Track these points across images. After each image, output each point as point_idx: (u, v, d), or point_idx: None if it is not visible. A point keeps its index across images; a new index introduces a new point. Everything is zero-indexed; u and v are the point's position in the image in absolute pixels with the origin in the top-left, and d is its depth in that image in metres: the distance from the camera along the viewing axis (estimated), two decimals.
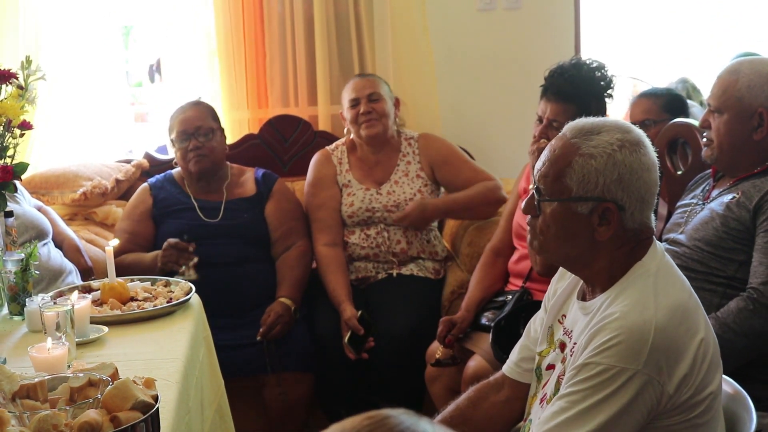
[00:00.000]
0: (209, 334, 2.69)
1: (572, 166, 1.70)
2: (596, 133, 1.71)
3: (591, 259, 1.74)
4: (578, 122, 1.76)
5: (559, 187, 1.72)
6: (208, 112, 3.53)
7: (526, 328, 2.03)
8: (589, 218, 1.71)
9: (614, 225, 1.70)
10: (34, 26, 3.87)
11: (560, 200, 1.72)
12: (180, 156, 3.48)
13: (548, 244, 1.77)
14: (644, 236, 1.74)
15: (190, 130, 3.44)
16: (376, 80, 3.61)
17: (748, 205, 2.47)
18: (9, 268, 2.51)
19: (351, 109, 3.54)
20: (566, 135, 1.74)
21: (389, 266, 3.53)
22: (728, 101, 2.55)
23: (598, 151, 1.69)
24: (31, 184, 3.69)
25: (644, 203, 1.72)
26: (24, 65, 2.62)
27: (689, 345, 1.64)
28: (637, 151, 1.70)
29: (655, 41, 6.14)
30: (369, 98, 3.52)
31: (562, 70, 3.01)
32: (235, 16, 3.96)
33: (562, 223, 1.73)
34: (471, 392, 2.04)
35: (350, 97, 3.54)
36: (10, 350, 2.28)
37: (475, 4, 4.05)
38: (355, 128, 3.55)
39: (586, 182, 1.69)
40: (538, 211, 1.77)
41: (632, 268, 1.72)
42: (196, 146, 3.43)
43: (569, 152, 1.71)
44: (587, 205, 1.70)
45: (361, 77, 3.64)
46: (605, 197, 1.69)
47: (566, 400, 1.64)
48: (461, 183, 3.57)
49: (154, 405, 1.67)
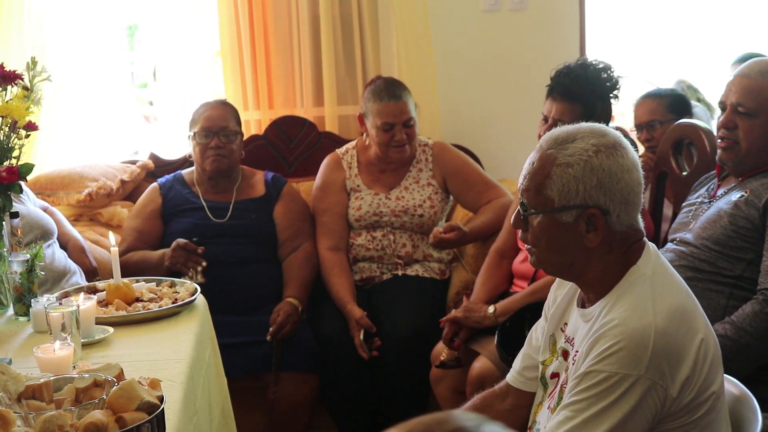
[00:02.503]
0: (214, 335, 2.70)
1: (551, 177, 1.70)
2: (571, 141, 1.71)
3: (585, 266, 1.75)
4: (553, 132, 1.76)
5: (541, 199, 1.73)
6: (233, 114, 3.55)
7: (528, 337, 2.03)
8: (575, 226, 1.71)
9: (602, 230, 1.70)
10: (39, 27, 3.88)
11: (545, 212, 1.73)
12: (198, 151, 3.48)
13: (542, 255, 1.78)
14: (635, 239, 1.75)
15: (214, 128, 3.45)
16: (407, 100, 3.45)
17: (757, 203, 2.46)
18: (14, 268, 2.51)
19: (383, 132, 3.43)
20: (543, 146, 1.75)
21: (394, 267, 3.53)
22: (763, 104, 2.50)
23: (575, 159, 1.69)
24: (36, 185, 3.69)
25: (629, 204, 1.72)
26: (29, 66, 2.62)
27: (690, 347, 1.64)
28: (614, 154, 1.70)
29: (660, 41, 6.13)
30: (404, 124, 3.44)
31: (569, 70, 3.01)
32: (240, 16, 3.96)
33: (550, 234, 1.74)
34: (476, 400, 2.04)
35: (384, 120, 3.41)
36: (15, 351, 2.29)
37: (480, 5, 4.05)
38: (383, 149, 3.47)
39: (567, 191, 1.69)
40: (527, 225, 1.77)
41: (628, 272, 1.72)
42: (217, 145, 3.44)
43: (547, 164, 1.71)
44: (571, 213, 1.70)
45: (395, 98, 3.42)
46: (588, 203, 1.69)
47: (571, 409, 1.64)
48: (472, 196, 3.55)
49: (159, 406, 1.67)
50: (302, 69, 4.01)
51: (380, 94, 3.44)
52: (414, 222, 3.52)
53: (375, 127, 3.46)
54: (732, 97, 2.55)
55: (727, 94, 2.57)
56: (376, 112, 3.44)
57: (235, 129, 3.51)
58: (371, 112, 3.46)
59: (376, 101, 3.43)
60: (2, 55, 3.75)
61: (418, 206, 3.52)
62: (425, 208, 3.52)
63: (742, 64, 2.63)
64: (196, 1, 4.04)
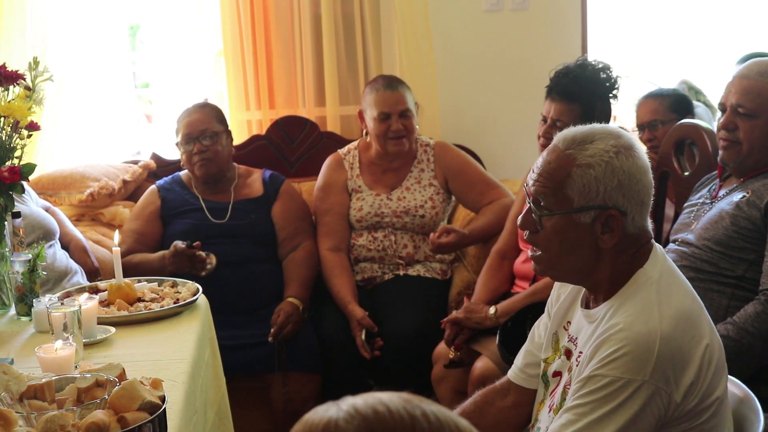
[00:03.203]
0: (214, 335, 2.70)
1: (572, 177, 1.69)
2: (590, 141, 1.70)
3: (594, 268, 1.74)
4: (569, 132, 1.75)
5: (559, 199, 1.71)
6: (213, 114, 3.52)
7: (530, 334, 2.02)
8: (591, 228, 1.70)
9: (617, 231, 1.70)
10: (41, 27, 3.88)
11: (563, 212, 1.71)
12: (185, 159, 3.50)
13: (552, 259, 1.77)
14: (644, 241, 1.74)
15: (194, 133, 3.44)
16: (405, 92, 3.49)
17: (759, 204, 2.46)
18: (16, 268, 2.52)
19: (380, 123, 3.45)
20: (559, 147, 1.73)
21: (396, 268, 3.53)
22: (764, 104, 2.50)
23: (596, 160, 1.68)
24: (38, 184, 3.70)
25: (643, 206, 1.72)
26: (31, 66, 2.63)
27: (695, 352, 1.64)
28: (632, 155, 1.69)
29: (662, 41, 6.12)
30: (401, 114, 3.46)
31: (568, 70, 3.01)
32: (242, 16, 3.96)
33: (565, 235, 1.73)
34: (477, 397, 2.04)
35: (381, 110, 3.44)
36: (17, 351, 2.29)
37: (482, 5, 4.04)
38: (381, 141, 3.49)
39: (587, 192, 1.68)
40: (539, 227, 1.75)
41: (635, 275, 1.72)
42: (200, 150, 3.44)
43: (566, 164, 1.70)
44: (589, 214, 1.69)
45: (391, 89, 3.48)
46: (607, 204, 1.69)
47: (574, 413, 1.64)
48: (474, 196, 3.55)
49: (161, 406, 1.67)
50: (304, 69, 4.01)
51: (377, 87, 3.50)
52: (415, 222, 3.52)
53: (372, 119, 3.48)
54: (732, 99, 2.55)
55: (727, 96, 2.57)
56: (372, 103, 3.47)
57: (217, 129, 3.48)
58: (369, 104, 3.49)
59: (373, 92, 3.49)
60: (4, 55, 3.76)
61: (420, 207, 3.52)
62: (426, 209, 3.52)
63: (742, 65, 2.63)
64: (198, 1, 4.04)
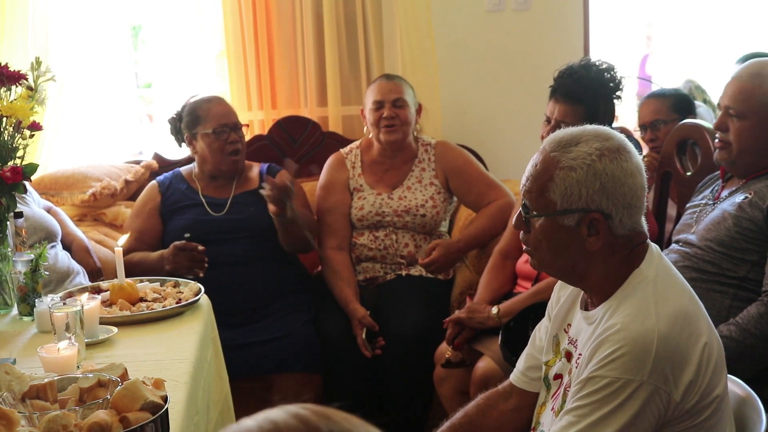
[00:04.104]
0: (217, 335, 2.70)
1: (554, 180, 1.69)
2: (574, 144, 1.70)
3: (586, 270, 1.74)
4: (557, 134, 1.75)
5: (543, 202, 1.72)
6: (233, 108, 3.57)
7: (531, 337, 2.03)
8: (577, 230, 1.70)
9: (603, 234, 1.69)
10: (43, 28, 3.89)
11: (546, 215, 1.72)
12: (217, 148, 3.43)
13: (543, 258, 1.78)
14: (638, 242, 1.74)
15: (230, 123, 3.44)
16: (402, 84, 3.53)
17: (761, 204, 2.46)
18: (19, 268, 2.52)
19: (374, 111, 3.49)
20: (546, 149, 1.73)
21: (397, 267, 3.53)
22: (752, 106, 2.51)
23: (578, 163, 1.68)
24: (40, 185, 3.70)
25: (632, 208, 1.71)
26: (33, 66, 2.63)
27: (693, 351, 1.64)
28: (617, 158, 1.68)
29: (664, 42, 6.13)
30: (394, 103, 3.47)
31: (572, 71, 3.01)
32: (244, 16, 3.96)
33: (551, 237, 1.73)
34: (479, 400, 2.04)
35: (375, 99, 3.49)
36: (19, 351, 2.29)
37: (484, 5, 4.04)
38: (375, 131, 3.52)
39: (569, 195, 1.68)
40: (528, 227, 1.77)
41: (630, 276, 1.72)
42: (234, 140, 3.43)
43: (550, 166, 1.71)
44: (573, 217, 1.70)
45: (387, 79, 3.56)
46: (590, 207, 1.68)
47: (574, 414, 1.64)
48: (474, 196, 3.55)
49: (163, 406, 1.67)
50: (306, 69, 4.01)
51: (376, 80, 3.58)
52: (416, 222, 3.52)
53: (369, 111, 3.51)
54: (725, 100, 2.58)
55: (722, 97, 2.59)
56: (369, 94, 3.54)
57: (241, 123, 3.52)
58: (367, 97, 3.55)
59: (372, 85, 3.55)
60: (7, 56, 3.76)
61: (421, 206, 3.52)
62: (427, 208, 3.52)
63: (740, 66, 2.64)
64: (200, 2, 4.04)
